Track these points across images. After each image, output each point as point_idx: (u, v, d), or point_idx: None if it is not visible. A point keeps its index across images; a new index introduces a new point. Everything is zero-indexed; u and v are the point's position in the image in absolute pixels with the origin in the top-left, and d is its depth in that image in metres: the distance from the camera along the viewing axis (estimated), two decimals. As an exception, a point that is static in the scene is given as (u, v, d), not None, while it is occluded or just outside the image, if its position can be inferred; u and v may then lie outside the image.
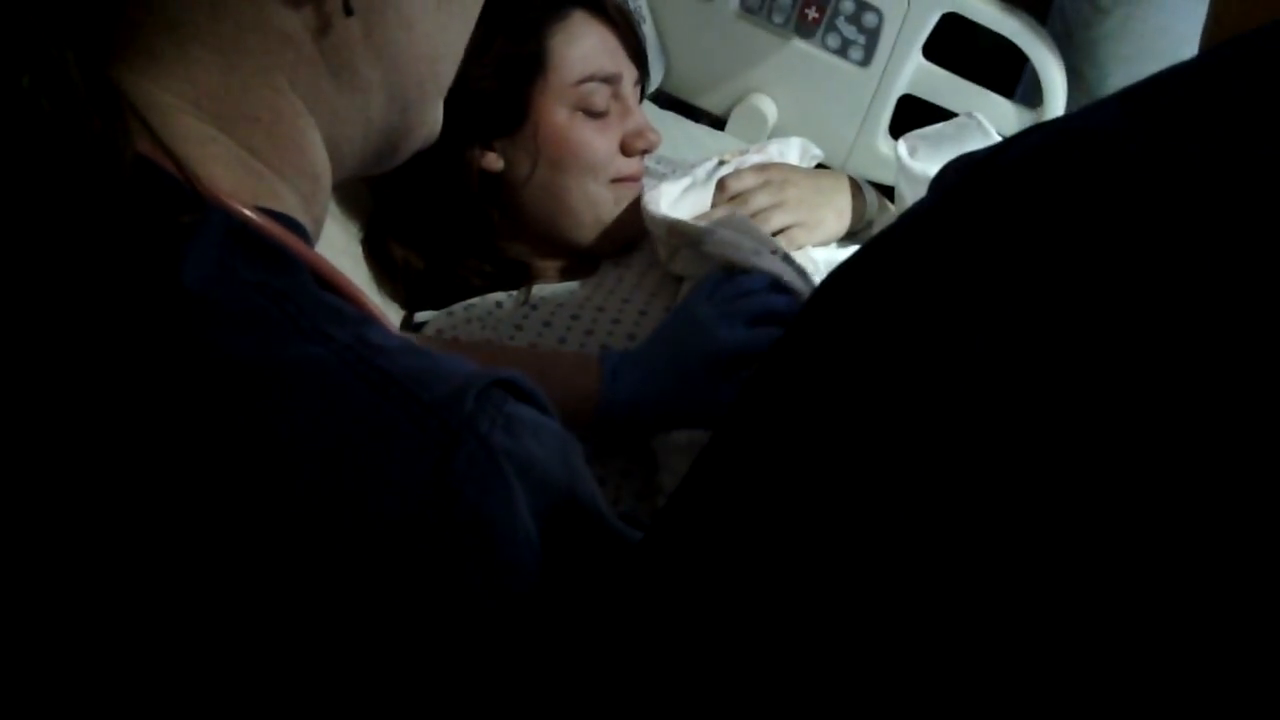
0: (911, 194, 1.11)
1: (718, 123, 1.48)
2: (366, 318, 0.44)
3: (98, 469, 0.38)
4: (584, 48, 1.01)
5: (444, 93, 0.54)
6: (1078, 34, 1.36)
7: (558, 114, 1.00)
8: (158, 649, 0.38)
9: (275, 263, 0.43)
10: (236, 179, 0.45)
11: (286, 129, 0.46)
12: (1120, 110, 0.36)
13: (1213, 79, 0.36)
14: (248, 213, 0.43)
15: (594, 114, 1.01)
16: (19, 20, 0.39)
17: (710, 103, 1.50)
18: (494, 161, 1.02)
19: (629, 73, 1.04)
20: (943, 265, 0.36)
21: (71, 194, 0.39)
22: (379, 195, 1.07)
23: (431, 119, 0.54)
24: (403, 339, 0.45)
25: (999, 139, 1.10)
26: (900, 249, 0.38)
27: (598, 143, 1.02)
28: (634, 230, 1.06)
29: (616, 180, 1.04)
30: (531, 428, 0.43)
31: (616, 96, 1.03)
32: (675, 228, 0.98)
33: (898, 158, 1.11)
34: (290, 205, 0.47)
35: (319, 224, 0.51)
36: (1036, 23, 1.33)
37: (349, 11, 0.45)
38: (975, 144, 1.08)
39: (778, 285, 0.91)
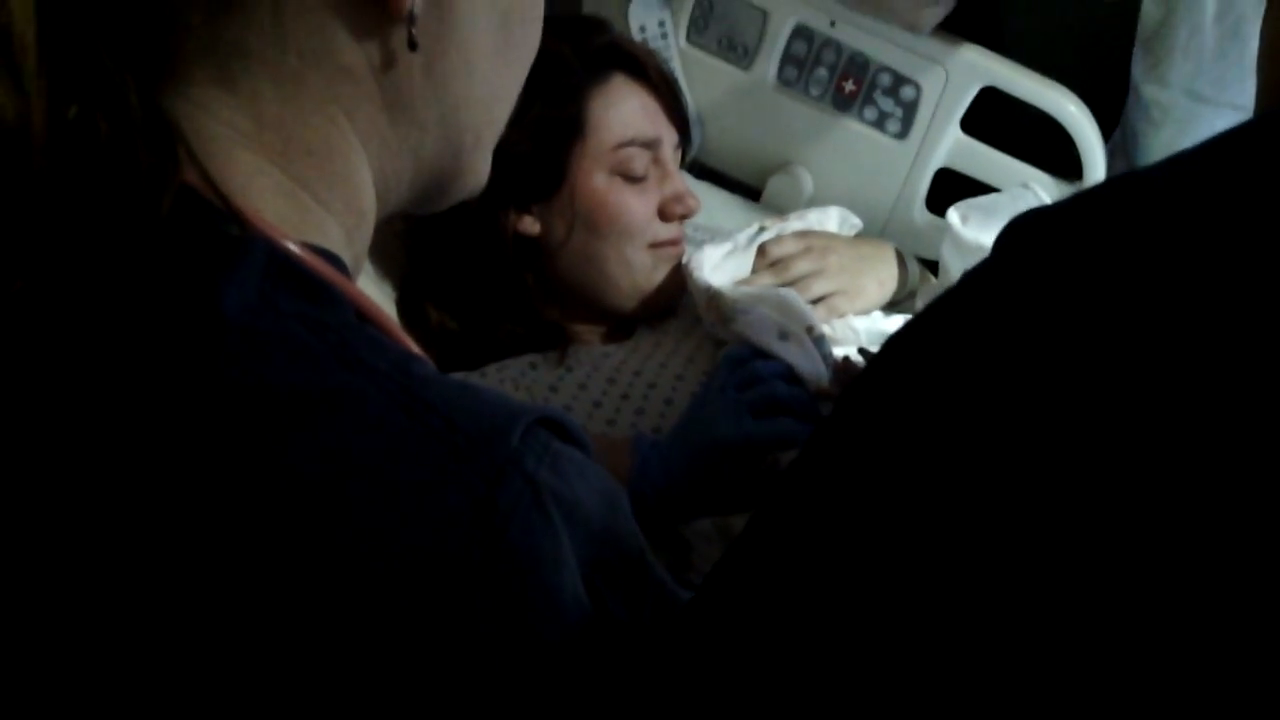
0: (958, 263, 1.10)
1: (754, 194, 1.47)
2: (409, 352, 0.43)
3: (135, 498, 0.37)
4: (624, 112, 1.01)
5: (495, 140, 0.54)
6: (1129, 145, 1.36)
7: (596, 178, 1.00)
8: (193, 684, 0.36)
9: (317, 295, 0.42)
10: (283, 212, 0.44)
11: (339, 163, 0.46)
12: (1185, 164, 0.35)
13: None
14: (291, 246, 0.42)
15: (632, 179, 1.01)
16: (81, 44, 0.38)
17: (746, 174, 1.49)
18: (530, 225, 1.01)
19: (669, 137, 1.04)
20: (1014, 323, 0.34)
21: (116, 222, 0.39)
22: (414, 257, 1.06)
23: (481, 167, 0.54)
24: (445, 375, 0.43)
25: None
26: (967, 308, 0.37)
27: (635, 207, 1.01)
28: (671, 296, 1.05)
29: (654, 245, 1.03)
30: (578, 468, 0.41)
31: (656, 161, 1.03)
32: (712, 301, 0.97)
33: (948, 226, 1.09)
34: (335, 240, 0.46)
35: (360, 259, 0.50)
36: (1075, 96, 1.32)
37: (413, 46, 0.45)
38: None
39: (791, 375, 0.90)
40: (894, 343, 0.39)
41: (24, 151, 0.37)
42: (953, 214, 1.09)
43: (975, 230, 1.07)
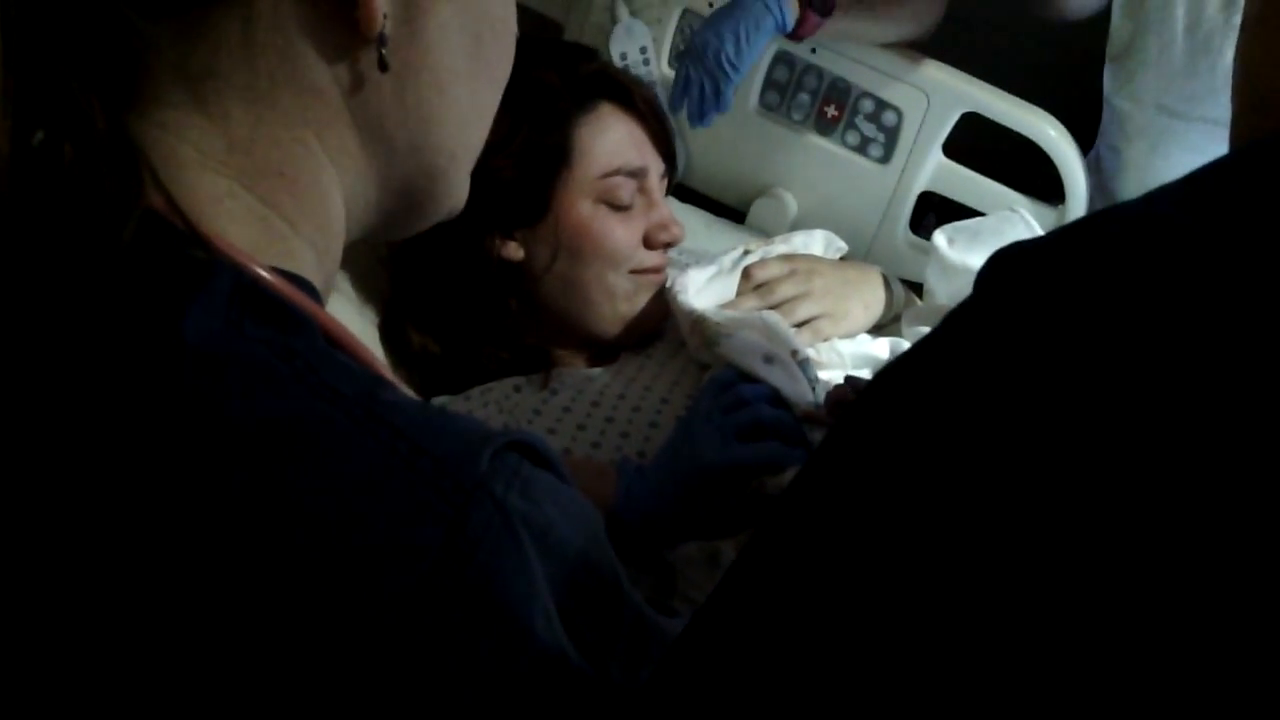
0: (944, 286, 1.10)
1: (738, 217, 1.48)
2: (378, 377, 0.43)
3: (96, 526, 0.36)
4: (610, 141, 1.01)
5: (471, 163, 0.53)
6: (1103, 161, 1.37)
7: (581, 206, 1.00)
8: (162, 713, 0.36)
9: (284, 320, 0.41)
10: (252, 237, 0.43)
11: (310, 184, 0.45)
12: (1164, 200, 0.35)
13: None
14: (260, 271, 0.42)
15: (618, 207, 1.01)
16: (47, 68, 0.38)
17: (730, 197, 1.50)
18: (514, 251, 1.01)
19: (655, 166, 1.04)
20: (998, 360, 0.34)
21: (79, 248, 0.38)
22: (397, 281, 1.06)
23: (456, 189, 0.53)
24: (415, 399, 0.43)
25: (1042, 233, 1.09)
26: (951, 347, 0.37)
27: (620, 234, 1.01)
28: (655, 321, 1.05)
29: (639, 272, 1.03)
30: (550, 493, 0.41)
31: (642, 190, 1.03)
32: (697, 325, 0.97)
33: (935, 248, 1.10)
34: (306, 263, 0.46)
35: (330, 281, 0.49)
36: (1056, 121, 1.33)
37: (384, 68, 0.44)
38: (1018, 239, 1.07)
39: (777, 398, 0.90)
40: (881, 382, 0.38)
41: None
42: (939, 236, 1.10)
43: (961, 253, 1.07)
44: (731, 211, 1.50)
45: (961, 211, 1.33)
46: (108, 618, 0.36)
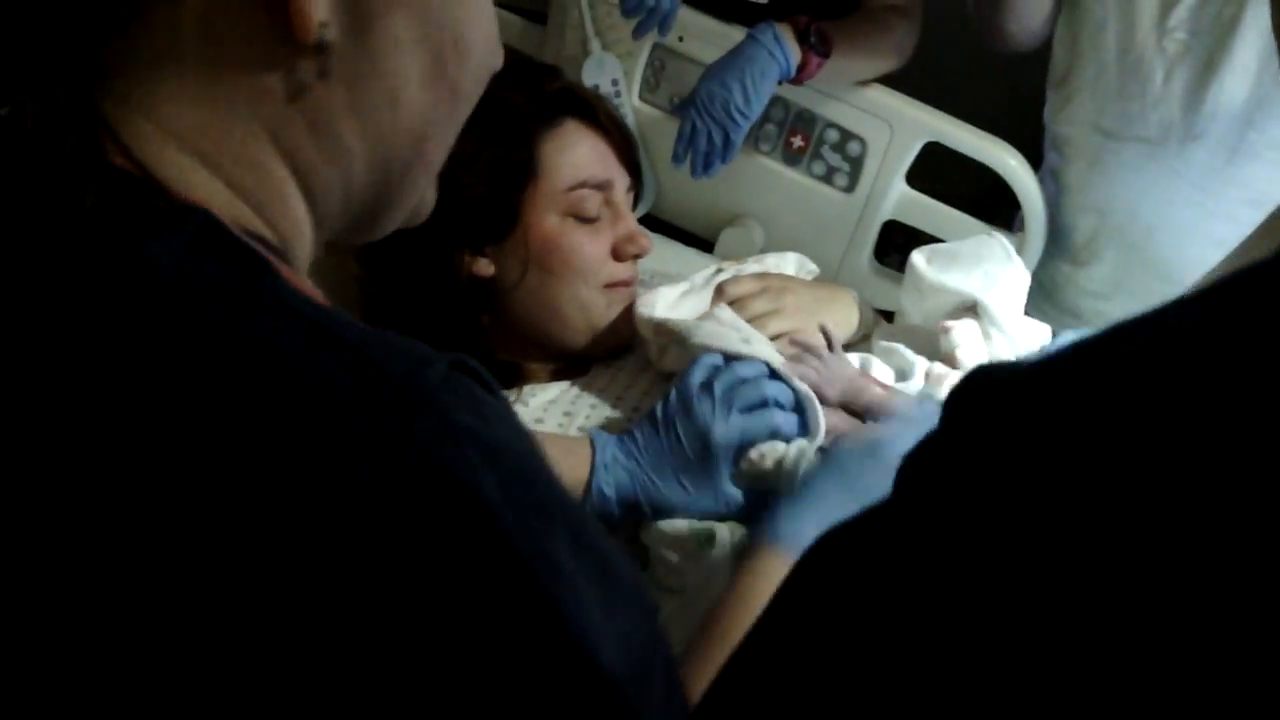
0: (918, 306, 1.11)
1: (707, 246, 1.50)
2: (333, 309, 0.44)
3: (61, 438, 0.37)
4: (576, 155, 1.03)
5: (433, 172, 0.54)
6: (1044, 183, 1.41)
7: (548, 220, 1.01)
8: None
9: (247, 261, 0.42)
10: (219, 202, 0.44)
11: (266, 178, 0.46)
12: (1131, 334, 0.35)
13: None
14: (224, 221, 0.43)
15: (585, 219, 1.02)
16: (14, 45, 0.40)
17: (699, 226, 1.52)
18: (485, 267, 1.02)
19: (621, 180, 1.06)
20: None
21: (44, 201, 0.40)
22: (369, 298, 1.07)
23: (418, 199, 0.54)
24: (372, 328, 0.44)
25: (1019, 261, 1.11)
26: (925, 473, 0.38)
27: (589, 248, 1.03)
28: (626, 335, 1.06)
29: (609, 285, 1.04)
30: (503, 418, 0.41)
31: (608, 203, 1.05)
32: (662, 326, 0.99)
33: (911, 268, 1.11)
34: (271, 240, 0.47)
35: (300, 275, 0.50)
36: (1015, 151, 1.36)
37: (323, 75, 0.45)
38: (995, 263, 1.09)
39: (772, 372, 0.91)
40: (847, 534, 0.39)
41: None
42: (917, 256, 1.11)
43: (939, 272, 1.09)
44: (700, 241, 1.52)
45: (924, 241, 1.36)
46: (75, 515, 0.37)
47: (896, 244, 1.52)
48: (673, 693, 0.44)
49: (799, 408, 0.91)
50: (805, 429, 0.90)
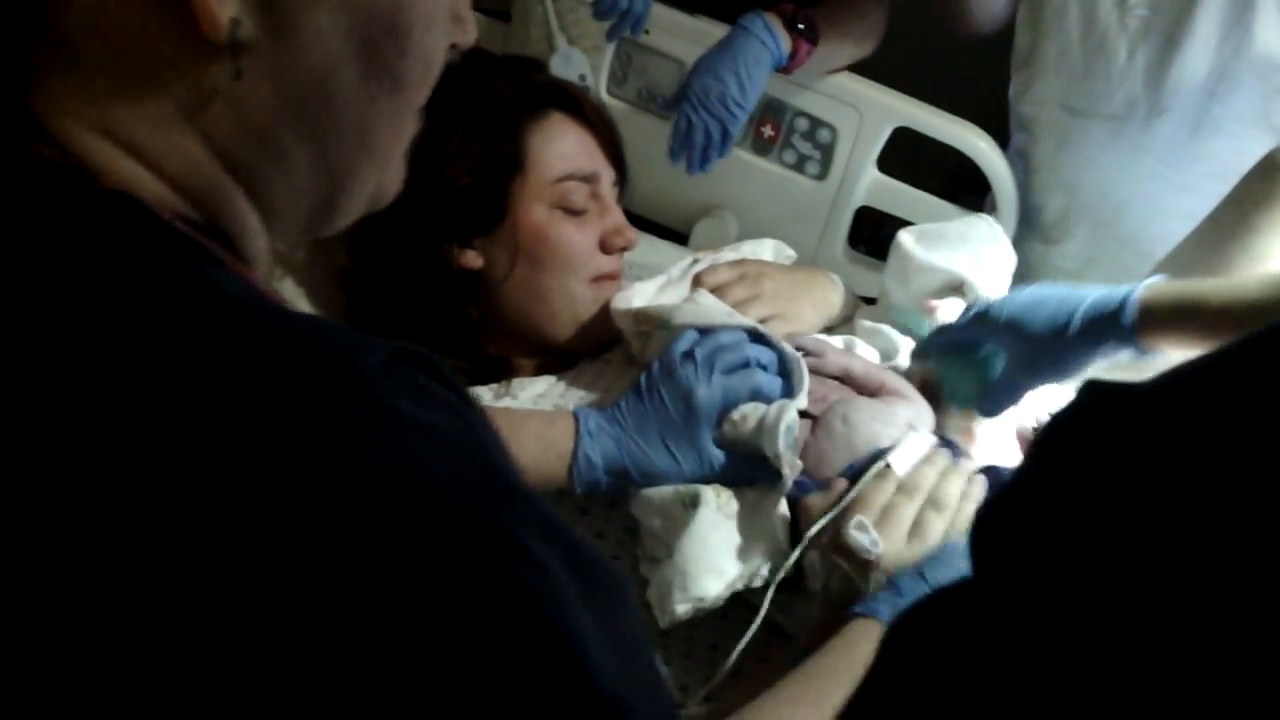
0: (903, 286, 1.12)
1: (681, 239, 1.50)
2: (267, 296, 0.43)
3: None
4: (562, 147, 1.02)
5: (384, 163, 0.52)
6: (1013, 164, 1.43)
7: (537, 211, 1.01)
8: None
9: (177, 244, 0.42)
10: (151, 190, 0.44)
11: (199, 173, 0.46)
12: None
13: None
14: (155, 209, 0.42)
15: (573, 211, 1.02)
16: None
17: (673, 219, 1.52)
18: (473, 259, 1.02)
19: (607, 173, 1.06)
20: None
21: None
22: (355, 291, 1.06)
23: (373, 187, 0.53)
24: (301, 312, 0.43)
25: (1005, 240, 1.13)
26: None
27: (577, 239, 1.02)
28: (613, 329, 1.06)
29: (596, 279, 1.04)
30: (450, 404, 0.40)
31: (595, 196, 1.04)
32: (642, 314, 0.99)
33: (898, 246, 1.12)
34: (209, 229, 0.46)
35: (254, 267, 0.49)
36: (984, 133, 1.38)
37: (237, 76, 0.44)
38: (982, 243, 1.10)
39: (756, 336, 0.92)
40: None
41: None
42: (904, 236, 1.12)
43: (926, 251, 1.10)
44: (674, 234, 1.52)
45: (893, 227, 1.38)
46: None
47: (864, 233, 1.53)
48: (657, 683, 0.43)
49: (783, 371, 0.92)
50: (790, 392, 0.91)
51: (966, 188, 1.49)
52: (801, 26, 1.27)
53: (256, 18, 0.43)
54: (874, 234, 1.55)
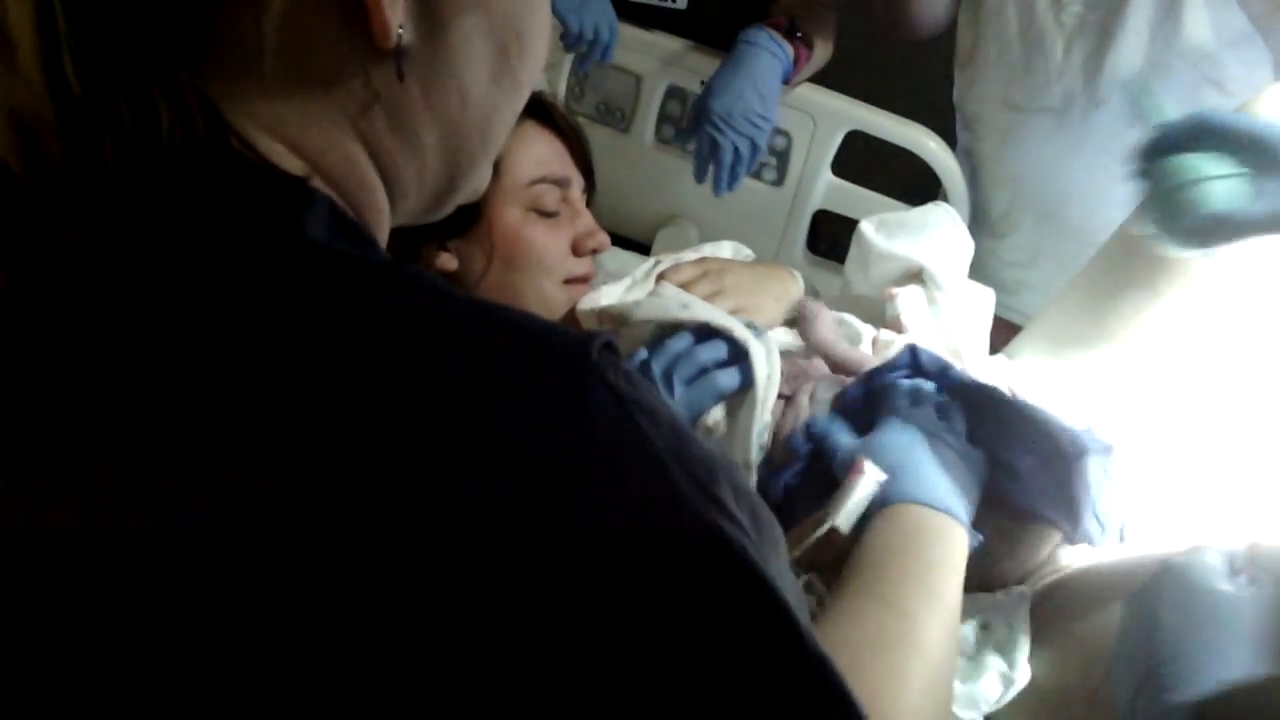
0: (864, 275, 1.15)
1: (644, 249, 1.53)
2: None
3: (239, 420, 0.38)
4: (535, 152, 1.05)
5: (492, 157, 0.57)
6: (961, 162, 1.48)
7: (510, 213, 1.03)
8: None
9: (366, 244, 0.45)
10: (317, 188, 0.47)
11: (354, 169, 0.49)
12: None
13: None
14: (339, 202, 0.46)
15: (546, 214, 1.05)
16: (116, 39, 0.42)
17: (635, 230, 1.55)
18: (448, 261, 1.03)
19: (577, 180, 1.09)
20: None
21: (174, 183, 0.42)
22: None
23: (478, 179, 0.57)
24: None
25: (963, 227, 1.16)
26: None
27: (550, 242, 1.05)
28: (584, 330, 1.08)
29: (569, 280, 1.06)
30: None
31: (566, 200, 1.07)
32: (605, 313, 1.01)
33: (859, 235, 1.15)
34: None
35: None
36: (932, 132, 1.43)
37: (400, 78, 0.48)
38: (940, 230, 1.14)
39: (707, 330, 0.94)
40: None
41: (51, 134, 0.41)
42: (865, 224, 1.15)
43: (886, 239, 1.13)
44: (636, 245, 1.55)
45: (847, 229, 1.42)
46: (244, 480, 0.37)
47: (823, 234, 1.57)
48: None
49: (737, 356, 0.93)
50: (747, 375, 0.92)
51: (919, 188, 1.53)
52: (800, 35, 1.32)
53: (415, 23, 0.47)
54: (833, 236, 1.60)
